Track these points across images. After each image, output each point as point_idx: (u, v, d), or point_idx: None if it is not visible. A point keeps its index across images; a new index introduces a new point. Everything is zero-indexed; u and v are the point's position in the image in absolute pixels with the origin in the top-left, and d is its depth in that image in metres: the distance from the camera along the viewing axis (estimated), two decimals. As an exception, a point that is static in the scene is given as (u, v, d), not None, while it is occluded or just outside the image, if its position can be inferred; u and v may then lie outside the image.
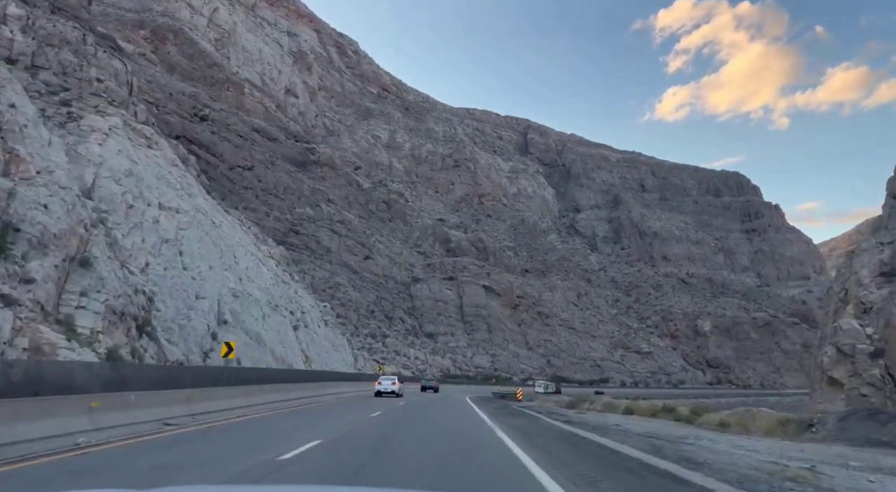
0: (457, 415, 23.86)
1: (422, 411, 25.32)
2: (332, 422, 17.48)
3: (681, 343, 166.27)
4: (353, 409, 26.02)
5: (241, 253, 48.67)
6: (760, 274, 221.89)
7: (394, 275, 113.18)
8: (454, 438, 13.71)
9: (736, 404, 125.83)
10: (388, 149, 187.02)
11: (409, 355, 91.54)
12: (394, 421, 18.62)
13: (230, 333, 39.20)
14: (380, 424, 17.08)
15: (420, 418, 21.04)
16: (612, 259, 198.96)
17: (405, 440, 12.69)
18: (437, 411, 26.48)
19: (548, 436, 15.94)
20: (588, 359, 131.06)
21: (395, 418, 20.23)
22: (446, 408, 29.22)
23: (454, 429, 16.32)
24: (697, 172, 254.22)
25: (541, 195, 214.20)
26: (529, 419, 24.25)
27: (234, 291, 43.05)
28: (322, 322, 59.78)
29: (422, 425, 17.63)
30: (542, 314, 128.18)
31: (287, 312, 51.80)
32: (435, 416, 22.59)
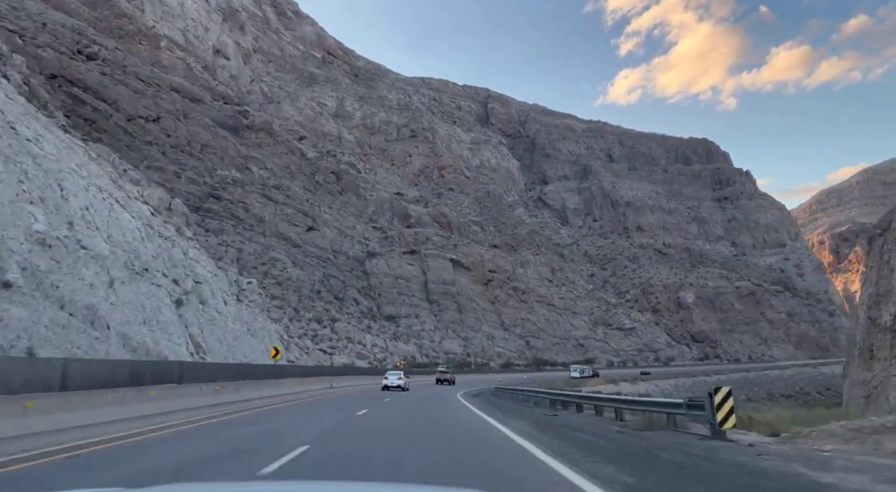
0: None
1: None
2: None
3: (663, 317, 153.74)
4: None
5: (76, 187, 30.67)
6: (735, 243, 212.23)
7: (345, 249, 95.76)
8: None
9: (738, 380, 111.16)
10: (337, 118, 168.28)
11: (364, 342, 74.56)
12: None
13: (17, 301, 21.80)
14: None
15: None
16: (584, 232, 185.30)
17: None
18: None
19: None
20: (570, 338, 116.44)
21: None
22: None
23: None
24: (665, 141, 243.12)
25: (505, 167, 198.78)
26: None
27: (40, 237, 25.31)
28: (232, 299, 42.13)
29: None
30: (517, 290, 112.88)
31: (165, 279, 34.13)
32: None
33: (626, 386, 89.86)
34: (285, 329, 64.69)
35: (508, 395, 33.54)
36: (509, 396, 33.21)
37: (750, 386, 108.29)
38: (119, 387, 16.05)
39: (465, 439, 11.62)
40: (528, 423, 16.11)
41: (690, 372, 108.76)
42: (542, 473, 7.65)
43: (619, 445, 10.83)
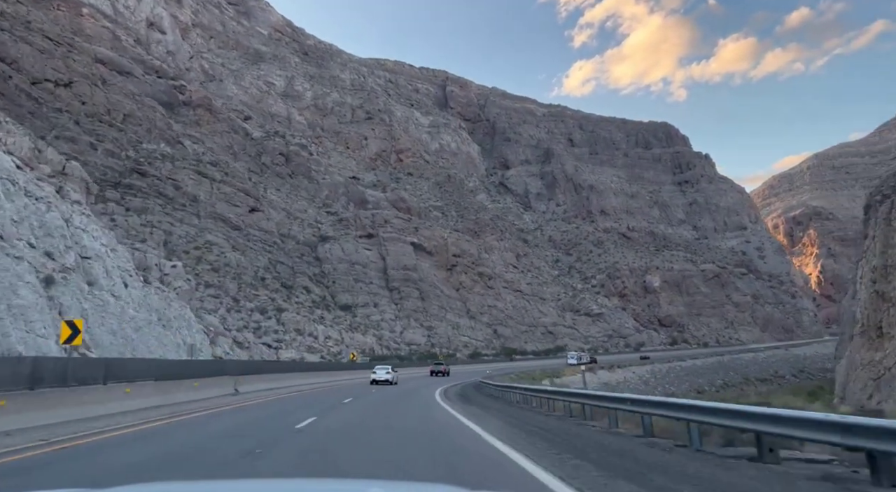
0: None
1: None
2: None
3: (630, 302, 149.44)
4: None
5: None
6: (697, 226, 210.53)
7: (294, 233, 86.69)
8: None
9: (713, 364, 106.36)
10: (286, 98, 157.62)
11: (316, 335, 66.07)
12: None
13: None
14: None
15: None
16: (548, 217, 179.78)
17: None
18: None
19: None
20: (539, 325, 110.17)
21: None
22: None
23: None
24: (625, 125, 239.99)
25: (465, 152, 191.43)
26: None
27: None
28: (137, 281, 33.27)
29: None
30: (483, 276, 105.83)
31: (31, 251, 25.38)
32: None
33: (605, 374, 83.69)
34: (222, 321, 55.73)
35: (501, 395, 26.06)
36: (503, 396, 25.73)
37: (725, 370, 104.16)
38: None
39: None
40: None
41: (665, 358, 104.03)
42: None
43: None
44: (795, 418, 6.91)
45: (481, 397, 27.39)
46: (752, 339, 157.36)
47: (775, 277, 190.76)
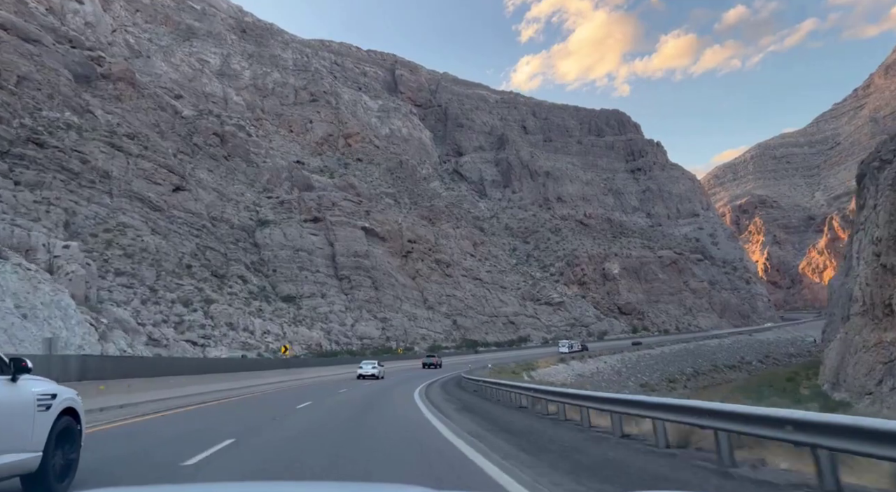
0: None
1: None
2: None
3: (590, 290, 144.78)
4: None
5: None
6: (650, 214, 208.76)
7: (227, 216, 76.72)
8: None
9: (680, 352, 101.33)
10: (222, 77, 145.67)
11: (252, 329, 56.98)
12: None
13: None
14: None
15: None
16: (503, 205, 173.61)
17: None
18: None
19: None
20: (500, 315, 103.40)
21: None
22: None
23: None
24: (579, 112, 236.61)
25: (417, 138, 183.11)
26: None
27: None
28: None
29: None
30: (440, 263, 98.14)
31: None
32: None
33: (577, 365, 77.41)
34: (134, 314, 46.12)
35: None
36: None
37: (694, 358, 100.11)
38: None
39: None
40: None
41: (619, 347, 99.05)
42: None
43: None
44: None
45: (480, 403, 19.90)
46: (711, 325, 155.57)
47: (729, 263, 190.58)
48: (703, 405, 7.55)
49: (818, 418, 5.75)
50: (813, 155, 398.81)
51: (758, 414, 6.45)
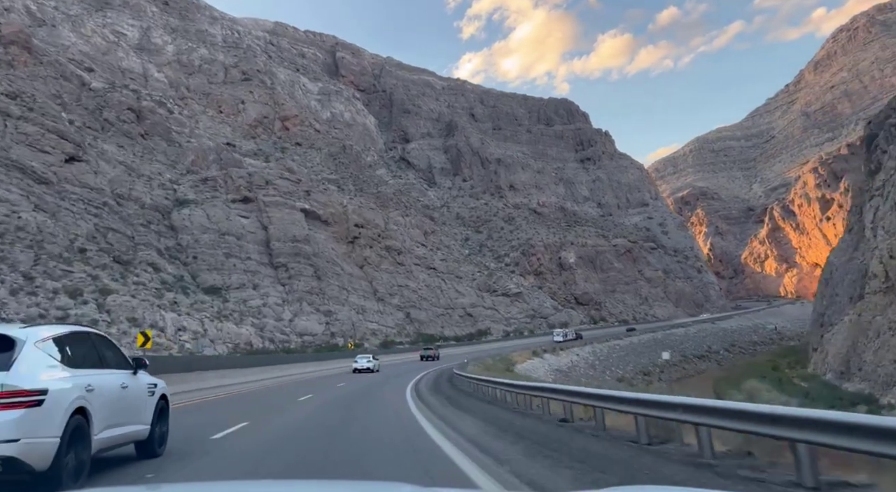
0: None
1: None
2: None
3: (546, 280, 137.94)
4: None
5: None
6: (601, 203, 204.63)
7: (137, 194, 64.46)
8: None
9: (648, 342, 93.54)
10: (141, 51, 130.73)
11: (162, 325, 45.65)
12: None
13: None
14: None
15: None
16: (454, 193, 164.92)
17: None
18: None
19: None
20: (457, 307, 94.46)
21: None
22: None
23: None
24: (527, 101, 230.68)
25: (361, 123, 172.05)
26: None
27: None
28: None
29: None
30: (391, 250, 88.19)
31: None
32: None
33: (552, 359, 69.46)
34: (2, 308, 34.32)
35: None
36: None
37: (662, 348, 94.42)
38: None
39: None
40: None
41: (603, 336, 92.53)
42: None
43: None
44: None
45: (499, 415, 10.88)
46: (667, 314, 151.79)
47: (680, 252, 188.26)
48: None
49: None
50: (749, 148, 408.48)
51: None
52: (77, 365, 6.35)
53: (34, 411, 5.40)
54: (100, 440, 6.45)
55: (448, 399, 18.15)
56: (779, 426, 5.68)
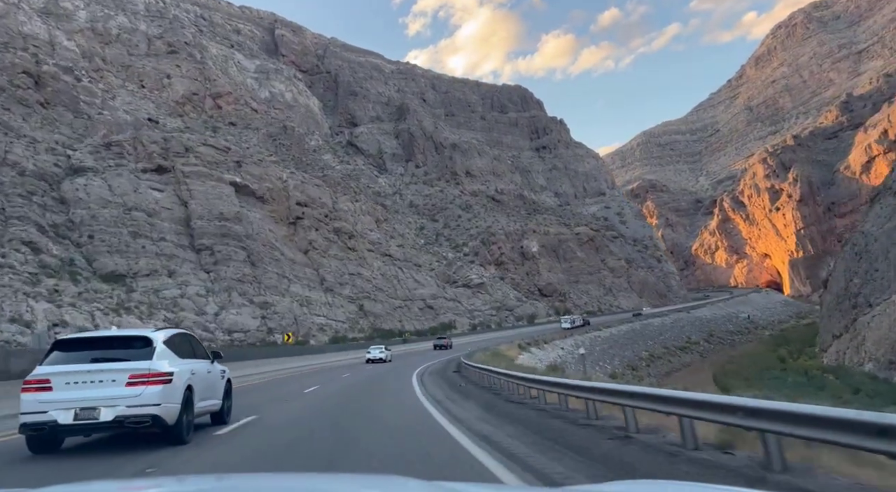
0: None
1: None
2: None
3: (509, 271, 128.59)
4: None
5: None
6: (558, 193, 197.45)
7: (16, 158, 50.58)
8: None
9: (628, 333, 79.33)
10: (47, 16, 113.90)
11: (30, 318, 32.84)
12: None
13: None
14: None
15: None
16: (407, 180, 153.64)
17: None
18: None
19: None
20: (416, 299, 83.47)
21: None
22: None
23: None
24: (480, 87, 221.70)
25: (304, 105, 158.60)
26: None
27: None
28: None
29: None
30: (341, 234, 76.38)
31: None
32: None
33: (538, 352, 59.91)
34: None
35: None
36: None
37: (644, 340, 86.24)
38: None
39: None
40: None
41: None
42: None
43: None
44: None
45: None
46: (631, 305, 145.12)
47: (640, 241, 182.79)
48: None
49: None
50: (694, 142, 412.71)
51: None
52: (183, 356, 9.28)
53: (167, 387, 8.25)
54: (197, 408, 9.34)
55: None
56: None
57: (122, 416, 7.85)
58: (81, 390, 7.87)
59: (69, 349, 8.40)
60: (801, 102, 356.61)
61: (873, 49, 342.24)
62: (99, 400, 7.84)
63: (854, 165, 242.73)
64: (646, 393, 7.76)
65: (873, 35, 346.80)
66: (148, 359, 8.20)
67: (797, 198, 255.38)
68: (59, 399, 7.81)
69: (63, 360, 8.22)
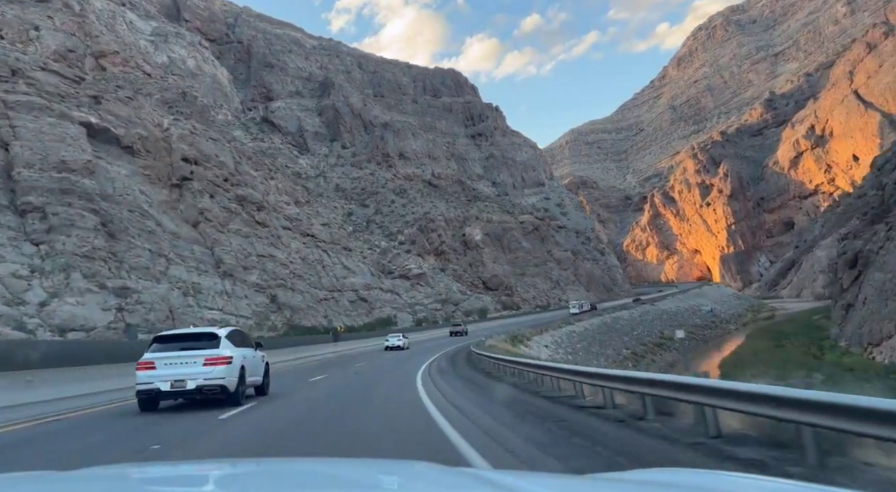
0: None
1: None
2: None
3: (450, 262, 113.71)
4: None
5: None
6: (496, 182, 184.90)
7: None
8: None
9: (600, 327, 69.23)
10: None
11: None
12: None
13: None
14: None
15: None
16: (332, 161, 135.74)
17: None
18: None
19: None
20: (346, 289, 66.60)
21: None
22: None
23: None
24: (411, 69, 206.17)
25: (211, 74, 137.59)
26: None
27: None
28: None
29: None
30: (247, 203, 58.51)
31: None
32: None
33: (523, 349, 45.50)
34: None
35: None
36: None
37: (619, 335, 73.61)
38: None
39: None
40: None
41: (547, 321, 70.03)
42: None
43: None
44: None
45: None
46: (580, 299, 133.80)
47: (582, 233, 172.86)
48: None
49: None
50: (620, 140, 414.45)
51: None
52: (237, 345, 13.29)
53: (229, 366, 12.35)
54: (247, 382, 13.36)
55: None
56: None
57: (200, 385, 12.12)
58: (174, 368, 12.18)
59: (164, 342, 12.89)
60: (722, 102, 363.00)
61: (789, 52, 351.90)
62: (186, 375, 12.14)
63: (782, 161, 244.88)
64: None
65: (788, 38, 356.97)
66: (216, 348, 12.54)
67: (728, 193, 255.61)
68: (160, 375, 12.15)
69: (161, 349, 12.57)
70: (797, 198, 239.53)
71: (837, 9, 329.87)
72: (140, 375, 12.09)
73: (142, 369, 12.10)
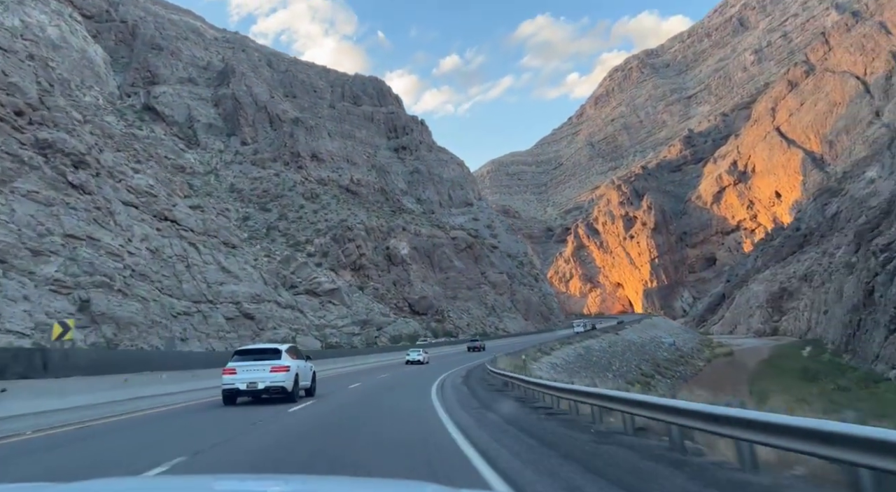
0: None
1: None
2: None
3: (371, 278, 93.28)
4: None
5: None
6: (421, 199, 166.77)
7: None
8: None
9: (578, 359, 57.04)
10: None
11: None
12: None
13: None
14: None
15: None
16: (227, 158, 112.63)
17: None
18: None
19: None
20: (223, 300, 44.85)
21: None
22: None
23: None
24: (328, 73, 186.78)
25: (80, 49, 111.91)
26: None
27: None
28: None
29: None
30: (57, 153, 36.56)
31: None
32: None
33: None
34: None
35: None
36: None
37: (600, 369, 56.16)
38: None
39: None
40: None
41: (503, 347, 51.38)
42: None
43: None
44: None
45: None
46: (518, 328, 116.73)
47: (515, 257, 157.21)
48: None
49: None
50: (540, 174, 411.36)
51: None
52: (293, 358, 17.51)
53: (287, 373, 16.76)
54: (300, 386, 17.55)
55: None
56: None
57: (268, 386, 16.41)
58: (249, 373, 16.46)
59: (242, 354, 17.36)
60: (638, 141, 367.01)
61: (700, 95, 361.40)
62: (257, 379, 16.39)
63: (705, 195, 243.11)
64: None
65: (700, 83, 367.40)
66: (279, 359, 16.91)
67: (651, 226, 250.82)
68: (239, 378, 16.44)
69: (239, 359, 16.96)
70: (719, 233, 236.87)
71: (746, 57, 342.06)
72: (225, 378, 16.76)
73: (226, 374, 16.78)
